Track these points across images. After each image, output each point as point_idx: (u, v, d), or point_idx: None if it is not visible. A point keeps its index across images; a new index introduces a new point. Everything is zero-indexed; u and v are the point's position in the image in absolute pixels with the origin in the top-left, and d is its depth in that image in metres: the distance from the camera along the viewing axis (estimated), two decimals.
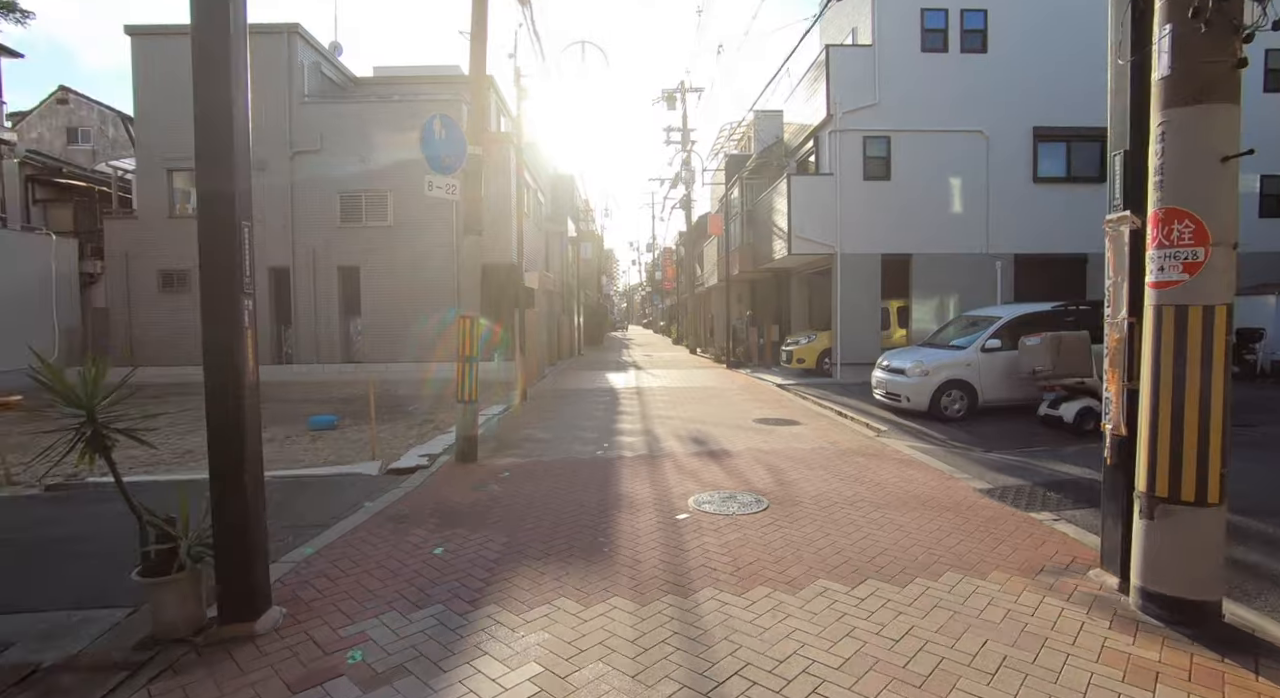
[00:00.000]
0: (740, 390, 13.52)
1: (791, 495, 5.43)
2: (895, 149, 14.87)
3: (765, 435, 8.26)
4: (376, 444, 8.02)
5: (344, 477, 6.39)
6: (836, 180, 14.81)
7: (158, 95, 16.97)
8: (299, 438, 9.00)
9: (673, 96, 28.30)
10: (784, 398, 12.29)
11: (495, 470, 6.50)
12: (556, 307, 22.49)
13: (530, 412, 10.81)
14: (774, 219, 16.28)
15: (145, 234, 17.20)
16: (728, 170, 20.98)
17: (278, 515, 5.11)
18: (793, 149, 18.21)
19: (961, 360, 9.44)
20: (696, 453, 7.20)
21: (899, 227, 14.94)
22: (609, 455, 7.14)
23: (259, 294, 17.51)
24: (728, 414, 10.16)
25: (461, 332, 6.69)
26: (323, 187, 16.95)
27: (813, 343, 15.59)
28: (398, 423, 10.18)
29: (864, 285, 14.93)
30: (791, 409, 10.73)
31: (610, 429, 8.86)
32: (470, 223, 6.71)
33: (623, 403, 11.67)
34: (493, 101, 20.40)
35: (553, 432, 8.78)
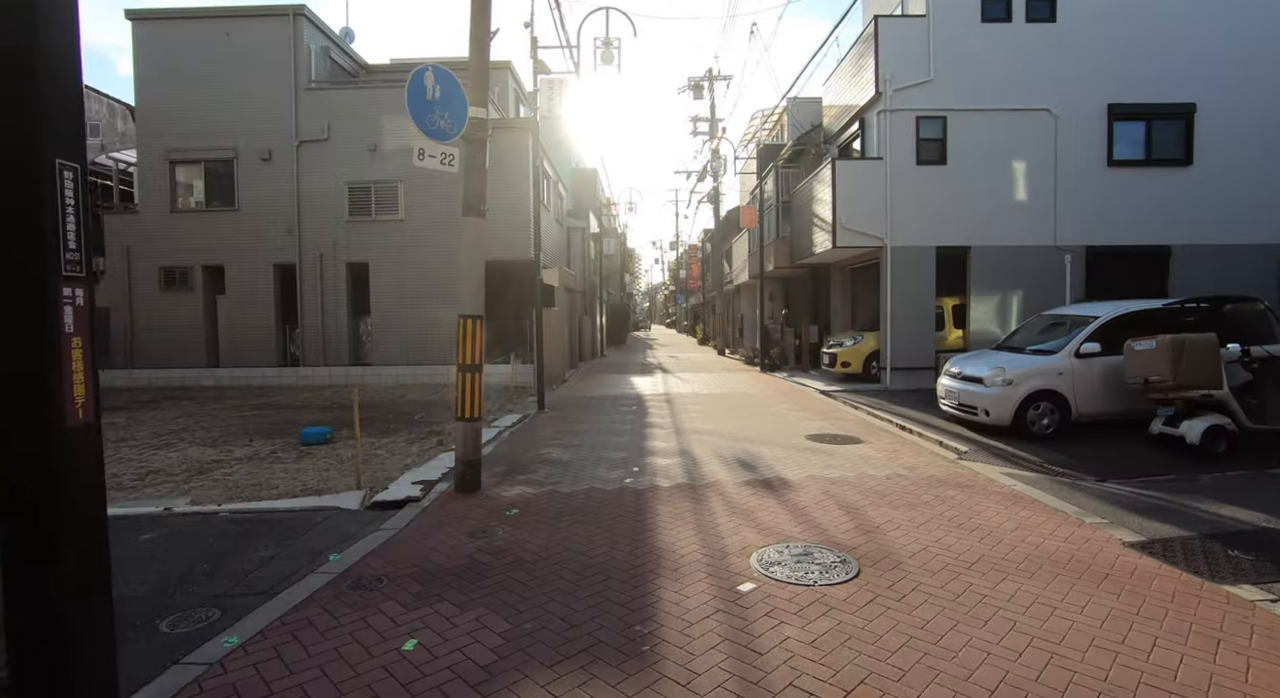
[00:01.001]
0: (781, 398, 12.18)
1: (885, 552, 4.12)
2: (952, 130, 13.40)
3: (825, 457, 6.94)
4: (364, 467, 6.86)
5: (316, 513, 5.22)
6: (886, 165, 13.39)
7: (160, 83, 16.09)
8: (285, 454, 7.89)
9: (700, 85, 27.01)
10: (832, 408, 10.93)
11: (500, 506, 5.28)
12: (578, 305, 21.32)
13: (548, 423, 9.60)
14: (815, 209, 14.89)
15: (146, 229, 16.35)
16: (760, 160, 19.61)
17: (215, 575, 3.94)
18: (833, 134, 16.79)
19: (1052, 368, 8.01)
20: (747, 482, 5.92)
21: (955, 216, 13.47)
22: (640, 485, 5.89)
23: (265, 293, 16.70)
24: (773, 428, 8.85)
25: (462, 335, 5.49)
26: (330, 178, 15.94)
27: (859, 345, 14.18)
28: (399, 435, 9.04)
29: (917, 281, 13.49)
30: (845, 422, 9.39)
31: (640, 448, 7.61)
32: (471, 201, 5.50)
33: (652, 413, 10.41)
34: (510, 87, 19.30)
35: (573, 450, 7.55)
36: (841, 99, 15.77)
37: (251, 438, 9.15)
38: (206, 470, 7.02)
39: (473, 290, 5.53)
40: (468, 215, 5.49)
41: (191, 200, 16.50)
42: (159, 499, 5.73)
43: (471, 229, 5.54)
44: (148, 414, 11.62)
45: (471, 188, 5.49)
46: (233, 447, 8.48)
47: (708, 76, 26.77)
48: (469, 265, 5.52)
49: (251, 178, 16.13)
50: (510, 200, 15.43)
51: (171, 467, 7.24)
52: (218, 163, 16.23)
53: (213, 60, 15.96)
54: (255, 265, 16.23)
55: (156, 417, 11.37)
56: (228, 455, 7.90)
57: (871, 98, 13.63)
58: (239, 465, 7.26)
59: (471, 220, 5.51)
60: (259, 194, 16.12)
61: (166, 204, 16.34)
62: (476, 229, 5.54)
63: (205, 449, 8.34)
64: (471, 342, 5.49)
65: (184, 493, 6.02)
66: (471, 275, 5.52)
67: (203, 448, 8.43)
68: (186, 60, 16.00)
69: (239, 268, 16.28)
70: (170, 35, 16.08)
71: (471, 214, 5.49)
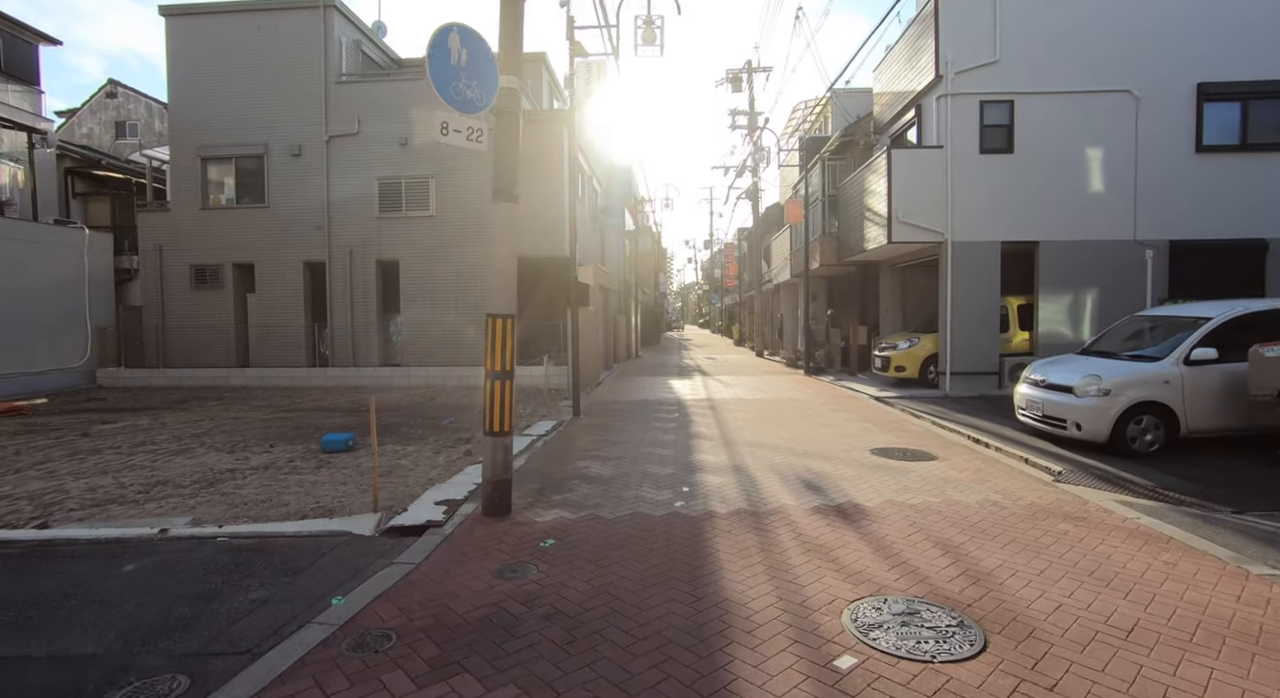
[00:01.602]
0: (832, 405, 11.29)
1: (1010, 611, 3.30)
2: (1019, 115, 12.34)
3: (899, 478, 6.09)
4: (385, 481, 6.24)
5: (325, 539, 4.58)
6: (946, 154, 12.39)
7: (192, 79, 15.88)
8: (304, 463, 7.33)
9: (738, 77, 26.13)
10: (892, 416, 10.02)
11: (533, 536, 4.57)
12: (613, 305, 20.64)
13: (585, 431, 8.90)
14: (867, 203, 13.94)
15: (178, 227, 16.15)
16: (805, 153, 18.66)
17: (194, 624, 3.30)
18: (884, 123, 15.79)
19: (1156, 376, 7.01)
20: (816, 508, 5.11)
21: (1023, 209, 12.41)
22: (694, 510, 5.13)
23: (294, 291, 16.33)
24: (832, 440, 8.01)
25: (491, 337, 4.80)
26: (360, 173, 15.52)
27: (914, 348, 13.19)
28: (425, 443, 8.43)
29: (980, 279, 12.47)
30: (910, 434, 8.49)
31: (688, 462, 6.84)
32: (502, 184, 4.80)
33: (696, 420, 9.64)
34: (544, 80, 18.72)
35: (613, 464, 6.82)
36: (895, 85, 14.77)
37: (272, 444, 8.65)
38: (218, 482, 6.47)
39: (503, 287, 4.84)
40: (498, 201, 4.80)
41: (222, 198, 16.26)
42: (158, 518, 5.16)
43: (502, 216, 4.84)
44: (173, 416, 11.27)
45: (502, 168, 4.79)
46: (251, 453, 7.97)
47: (747, 68, 25.86)
48: (499, 258, 4.83)
49: (281, 174, 15.81)
50: (543, 196, 14.82)
51: (183, 477, 6.72)
52: (248, 159, 15.95)
53: (244, 55, 15.69)
54: (285, 263, 15.91)
55: (181, 419, 11.00)
56: (244, 464, 7.37)
57: (930, 82, 12.64)
58: (253, 476, 6.71)
59: (502, 207, 4.82)
60: (289, 191, 15.79)
61: (198, 202, 16.12)
62: (508, 216, 4.84)
63: (222, 456, 7.85)
64: (502, 344, 4.80)
65: (187, 510, 5.46)
66: (502, 270, 4.83)
67: (220, 454, 7.94)
68: (218, 56, 15.75)
69: (269, 266, 15.98)
70: (202, 30, 15.84)
71: (502, 199, 4.79)
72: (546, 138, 15.10)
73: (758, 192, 25.85)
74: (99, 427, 10.23)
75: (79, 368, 15.58)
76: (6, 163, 14.86)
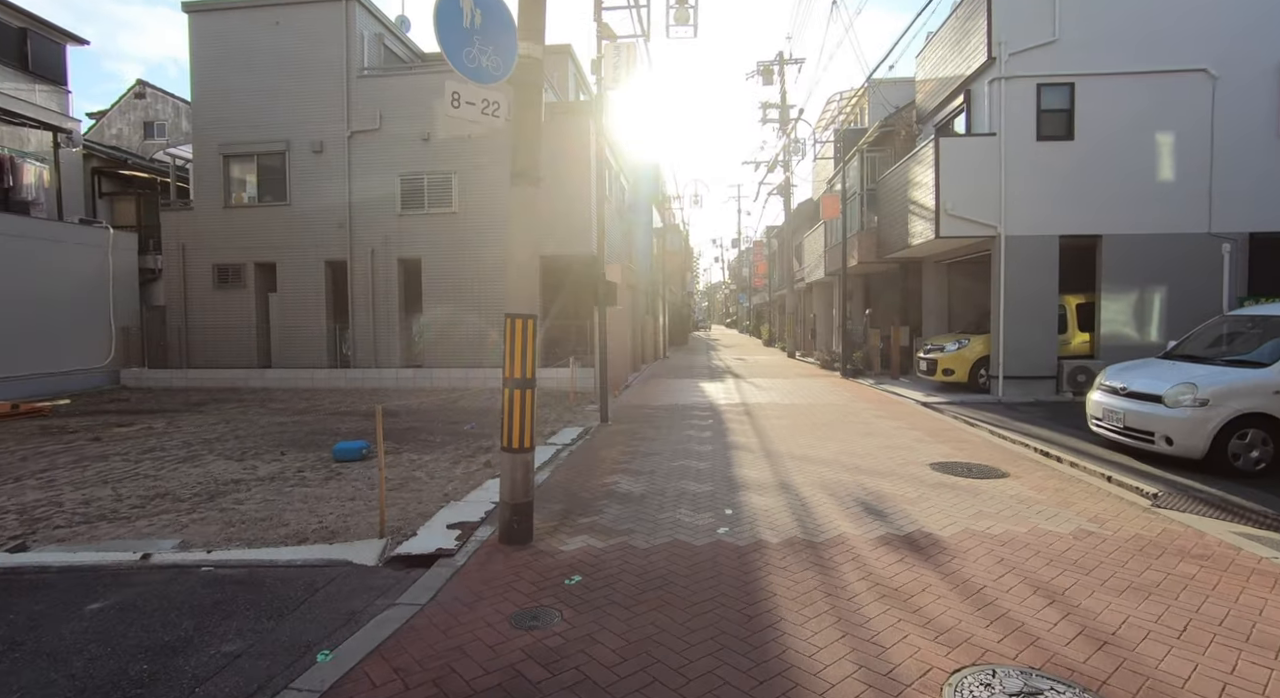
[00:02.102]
0: (878, 411, 10.53)
1: (1161, 694, 2.60)
2: (1080, 99, 11.42)
3: (970, 499, 5.37)
4: (396, 496, 5.70)
5: (319, 570, 4.03)
6: (999, 142, 11.53)
7: (215, 76, 15.65)
8: (313, 473, 6.84)
9: (770, 69, 25.33)
10: (944, 424, 9.24)
11: (557, 570, 3.97)
12: (640, 305, 20.03)
13: (613, 440, 8.29)
14: (911, 195, 13.12)
15: (201, 226, 15.95)
16: (843, 145, 17.81)
17: (150, 687, 2.75)
18: (928, 112, 14.92)
19: (1265, 385, 6.16)
20: (883, 539, 4.43)
21: (1083, 200, 11.49)
22: (740, 539, 4.48)
23: (316, 291, 15.99)
24: (884, 451, 7.28)
25: (510, 339, 4.21)
26: (382, 170, 15.13)
27: (964, 350, 12.34)
28: (443, 451, 7.90)
29: (1036, 276, 11.58)
30: (969, 445, 7.72)
31: (728, 478, 6.19)
32: (522, 165, 4.20)
33: (732, 428, 8.97)
34: (570, 72, 18.17)
35: (645, 479, 6.20)
36: (941, 70, 13.91)
37: (283, 451, 8.20)
38: (220, 495, 6.00)
39: (523, 283, 4.24)
40: (518, 184, 4.20)
41: (245, 196, 16.01)
42: (144, 541, 4.68)
43: (521, 203, 4.24)
44: (189, 419, 10.94)
45: (522, 147, 4.19)
46: (260, 461, 7.53)
47: (778, 60, 25.05)
48: (519, 250, 4.23)
49: (303, 171, 15.49)
50: (568, 192, 14.27)
51: (185, 488, 6.26)
52: (270, 156, 15.67)
53: (266, 50, 15.41)
54: (306, 262, 15.59)
55: (196, 422, 10.66)
56: (250, 474, 6.91)
57: (982, 64, 11.79)
58: (257, 489, 6.23)
59: (522, 191, 4.22)
60: (310, 188, 15.47)
61: (220, 200, 15.89)
62: (528, 203, 4.24)
63: (230, 464, 7.41)
64: (522, 348, 4.21)
65: (179, 529, 4.97)
66: (521, 264, 4.23)
67: (228, 462, 7.50)
68: (240, 52, 15.50)
69: (290, 265, 15.68)
70: (224, 26, 15.60)
71: (523, 182, 4.19)
72: (571, 131, 14.54)
73: (790, 187, 25.02)
74: (114, 430, 9.92)
75: (103, 368, 15.45)
76: (32, 162, 14.77)
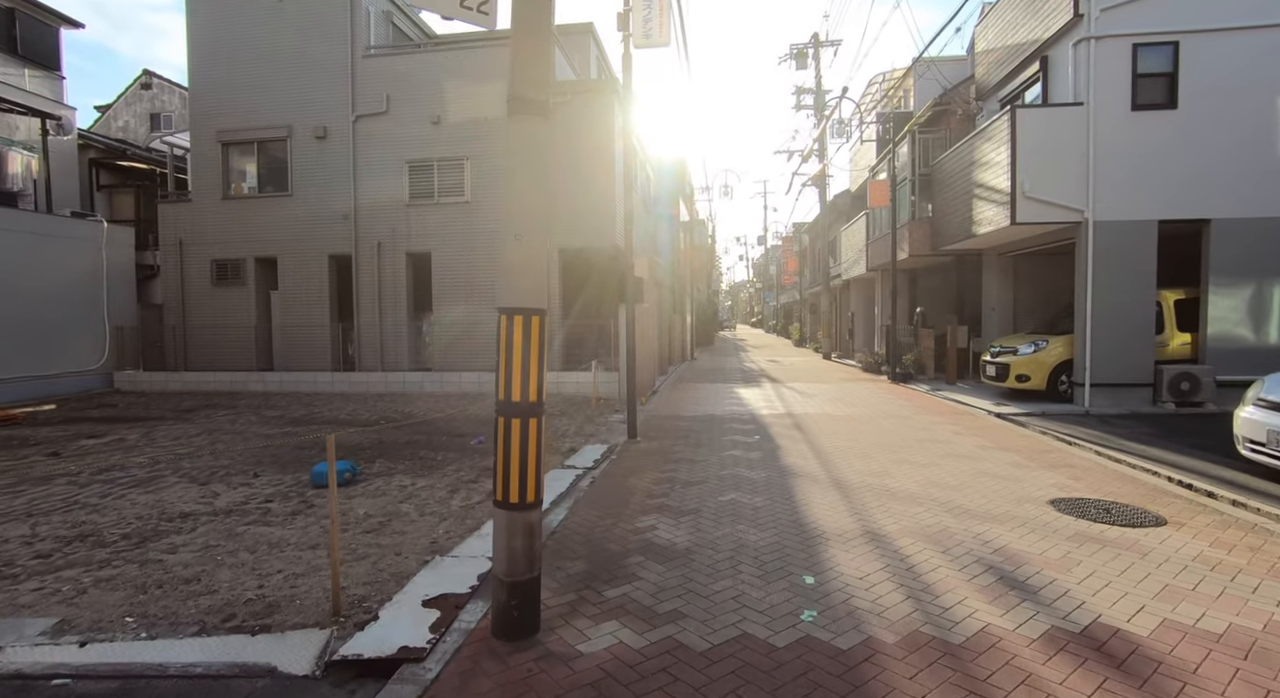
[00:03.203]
0: (947, 423, 9.05)
1: None
2: (1185, 60, 9.82)
3: (1138, 563, 3.92)
4: (372, 539, 4.42)
5: (225, 683, 2.74)
6: (1088, 112, 9.97)
7: (213, 58, 14.62)
8: (280, 506, 5.60)
9: (804, 52, 23.84)
10: (1035, 443, 7.74)
11: (575, 689, 2.63)
12: (667, 303, 18.67)
13: (643, 462, 6.94)
14: (977, 178, 11.58)
15: (199, 219, 14.94)
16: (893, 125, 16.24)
17: None
18: (991, 86, 13.35)
19: None
20: (1049, 639, 3.02)
21: (1188, 179, 9.90)
22: (839, 635, 3.10)
23: (319, 287, 14.85)
24: (980, 481, 5.84)
25: (505, 346, 2.90)
26: (389, 156, 13.97)
27: (1041, 353, 10.77)
28: (443, 473, 6.63)
29: (1130, 268, 10.01)
30: (1082, 471, 6.24)
31: (796, 522, 4.81)
32: (522, 84, 2.85)
33: (784, 446, 7.58)
34: (591, 54, 16.87)
35: (690, 523, 4.84)
36: (1009, 37, 12.34)
37: (258, 471, 7.00)
38: (153, 538, 4.77)
39: (528, 263, 2.92)
40: (518, 115, 2.85)
41: (244, 186, 14.96)
42: (9, 619, 3.44)
43: (525, 143, 2.90)
44: (171, 429, 9.84)
45: (524, 58, 2.85)
46: (226, 486, 6.33)
47: (813, 42, 23.54)
48: (522, 214, 2.90)
49: (305, 159, 14.39)
50: (590, 179, 13.01)
51: (115, 527, 5.05)
52: (271, 143, 14.59)
53: (266, 30, 14.33)
54: (309, 257, 14.49)
55: (177, 432, 9.55)
56: (207, 504, 5.70)
57: (1064, 24, 10.24)
58: (205, 528, 5.00)
59: (525, 125, 2.87)
60: (313, 177, 14.36)
61: (219, 191, 14.87)
62: (534, 144, 2.90)
63: (190, 489, 6.22)
64: (524, 357, 2.89)
65: (72, 598, 3.73)
66: (527, 235, 2.90)
67: (188, 487, 6.31)
68: (239, 31, 14.44)
69: (292, 260, 14.59)
70: (223, 5, 14.55)
71: (525, 111, 2.85)
72: (594, 112, 13.25)
73: (825, 178, 23.47)
74: (81, 442, 8.83)
75: (96, 370, 14.50)
76: (19, 151, 13.84)
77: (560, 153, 13.31)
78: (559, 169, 13.35)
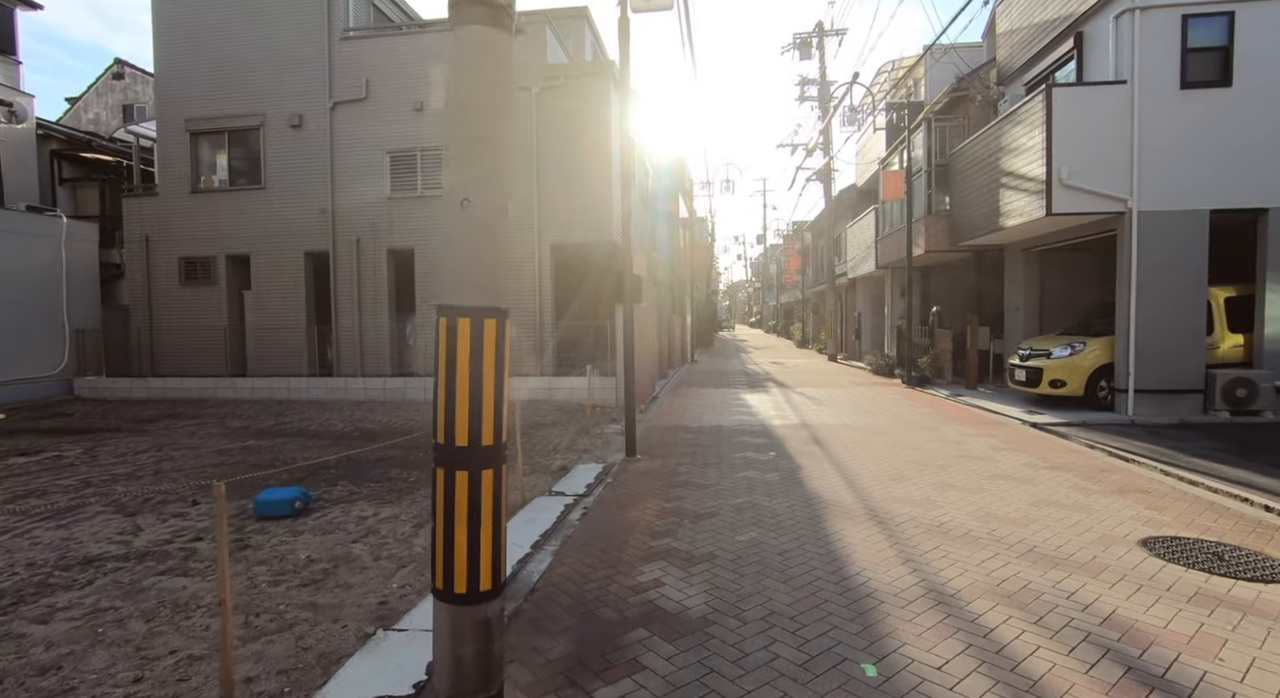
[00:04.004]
0: (981, 435, 8.11)
1: None
2: (1241, 33, 8.92)
3: None
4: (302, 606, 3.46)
5: None
6: (1132, 91, 9.06)
7: (180, 41, 13.65)
8: (209, 546, 4.66)
9: (808, 41, 22.93)
10: (1090, 460, 6.81)
11: None
12: (666, 302, 17.72)
13: (645, 488, 5.99)
14: (1005, 166, 10.66)
15: (167, 213, 13.95)
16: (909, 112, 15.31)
17: None
18: (1014, 69, 12.44)
19: None
20: None
21: (1243, 164, 8.99)
22: None
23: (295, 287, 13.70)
24: (1045, 513, 4.90)
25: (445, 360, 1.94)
26: (369, 145, 13.01)
27: (1078, 356, 9.85)
28: (411, 501, 5.69)
29: (1178, 262, 9.10)
30: (1161, 499, 5.31)
31: (837, 574, 3.86)
32: None
33: (805, 467, 6.63)
34: (586, 39, 15.93)
35: (703, 574, 3.90)
36: (1036, 15, 11.42)
37: (197, 499, 6.05)
38: (30, 599, 3.82)
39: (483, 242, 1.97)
40: (464, 22, 1.92)
41: (215, 179, 13.98)
42: None
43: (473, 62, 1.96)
44: (121, 442, 8.89)
45: None
46: (156, 517, 5.40)
47: (818, 31, 22.63)
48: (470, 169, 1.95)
49: (280, 149, 13.42)
50: (584, 172, 12.11)
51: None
52: (243, 132, 13.62)
53: (237, 10, 13.36)
54: (284, 254, 13.52)
55: (125, 447, 8.61)
56: (123, 544, 4.77)
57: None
58: (105, 580, 4.06)
59: (473, 34, 1.93)
60: (288, 168, 13.39)
61: (187, 184, 13.89)
62: (486, 63, 1.97)
63: (111, 522, 5.29)
64: (473, 377, 1.94)
65: None
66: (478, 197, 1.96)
67: (110, 519, 5.38)
68: (209, 11, 13.46)
69: (266, 257, 13.62)
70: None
71: (472, 19, 1.91)
72: (588, 97, 12.33)
73: (830, 171, 22.55)
74: (11, 460, 7.86)
75: (54, 377, 13.51)
76: None
77: (553, 140, 12.38)
78: (552, 157, 12.42)
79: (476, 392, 1.98)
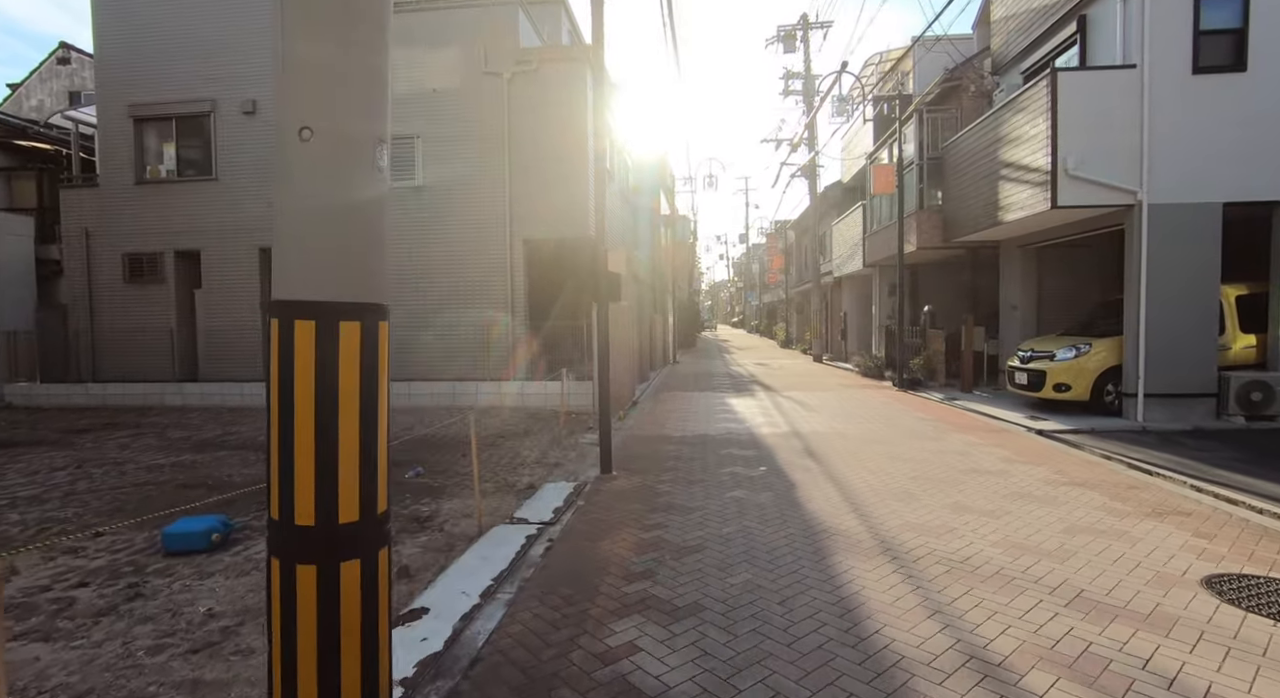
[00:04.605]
0: (986, 444, 7.47)
1: None
2: (1258, 12, 8.39)
3: None
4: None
5: None
6: (1141, 76, 8.50)
7: (123, 18, 12.65)
8: (89, 598, 3.86)
9: (792, 34, 22.34)
10: (1109, 474, 6.19)
11: None
12: (647, 301, 16.99)
13: (621, 514, 5.24)
14: (1004, 157, 10.07)
15: (109, 206, 12.95)
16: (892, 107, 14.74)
17: None
18: (1010, 57, 11.89)
19: None
20: None
21: (1259, 154, 8.47)
22: None
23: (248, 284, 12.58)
24: (1078, 542, 4.24)
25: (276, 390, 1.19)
26: None
27: (1084, 358, 9.27)
28: None
29: (1191, 257, 8.55)
30: (1204, 522, 4.68)
31: (854, 634, 3.15)
32: None
33: (800, 484, 5.92)
34: (563, 25, 15.17)
35: (688, 636, 3.17)
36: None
37: (103, 529, 5.20)
38: None
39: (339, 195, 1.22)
40: None
41: (162, 169, 12.99)
42: None
43: None
44: (39, 458, 7.97)
45: None
46: (39, 559, 4.53)
47: (802, 23, 22.05)
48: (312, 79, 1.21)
49: (232, 137, 12.49)
50: (559, 160, 11.36)
51: None
52: (192, 119, 12.66)
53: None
54: (237, 250, 12.60)
55: (42, 461, 7.71)
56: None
57: None
58: None
59: None
60: (241, 158, 12.47)
61: (132, 174, 12.90)
62: None
63: None
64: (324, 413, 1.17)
65: None
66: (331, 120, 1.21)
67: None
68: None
69: (217, 253, 12.68)
70: None
71: None
72: (563, 82, 11.57)
73: (815, 167, 21.98)
74: None
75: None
76: None
77: (527, 130, 11.61)
78: (525, 148, 11.64)
79: (327, 437, 1.23)
